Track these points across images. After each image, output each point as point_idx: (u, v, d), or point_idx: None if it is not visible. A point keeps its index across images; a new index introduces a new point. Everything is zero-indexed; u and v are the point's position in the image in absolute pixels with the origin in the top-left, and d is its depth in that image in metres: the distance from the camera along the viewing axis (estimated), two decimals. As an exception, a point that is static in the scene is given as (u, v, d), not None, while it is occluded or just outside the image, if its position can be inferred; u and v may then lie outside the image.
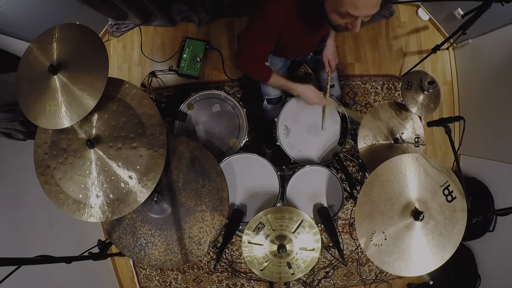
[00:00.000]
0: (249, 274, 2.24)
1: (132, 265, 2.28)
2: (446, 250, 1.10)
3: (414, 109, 1.49)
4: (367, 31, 2.38)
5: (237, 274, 2.24)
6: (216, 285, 2.28)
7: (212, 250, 2.22)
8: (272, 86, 1.46)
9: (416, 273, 1.09)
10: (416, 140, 1.54)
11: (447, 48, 2.42)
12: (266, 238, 1.27)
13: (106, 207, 1.04)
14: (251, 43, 1.30)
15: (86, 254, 1.10)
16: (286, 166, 1.68)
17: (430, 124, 1.35)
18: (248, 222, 1.27)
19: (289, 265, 1.25)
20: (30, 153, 1.08)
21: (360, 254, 2.30)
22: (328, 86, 1.59)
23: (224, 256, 2.22)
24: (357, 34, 2.37)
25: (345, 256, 2.25)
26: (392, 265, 1.07)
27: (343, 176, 1.66)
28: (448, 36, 2.15)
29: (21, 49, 1.47)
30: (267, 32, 1.23)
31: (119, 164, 1.04)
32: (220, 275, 2.27)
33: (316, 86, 1.75)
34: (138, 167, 1.05)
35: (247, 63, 1.41)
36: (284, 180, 1.58)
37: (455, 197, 1.11)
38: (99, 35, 1.34)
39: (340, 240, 1.95)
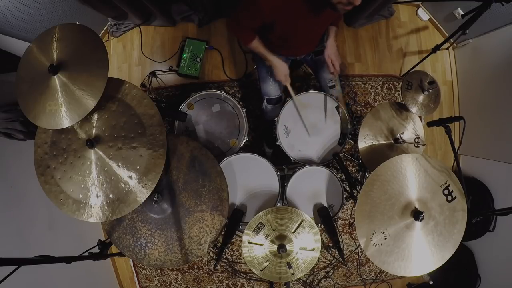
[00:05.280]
0: (249, 274, 2.24)
1: (132, 265, 2.28)
2: (446, 250, 1.10)
3: (414, 109, 1.49)
4: (367, 31, 2.38)
5: (237, 274, 2.24)
6: (216, 285, 2.28)
7: (212, 250, 2.22)
8: (252, 51, 1.52)
9: (416, 273, 1.09)
10: (416, 140, 1.54)
11: (447, 48, 2.42)
12: (266, 238, 1.27)
13: (106, 207, 1.04)
14: (240, 16, 1.37)
15: (86, 254, 1.10)
16: (286, 166, 1.68)
17: (430, 124, 1.35)
18: (248, 222, 1.27)
19: (289, 265, 1.25)
20: (30, 153, 1.09)
21: (360, 254, 2.29)
22: (337, 85, 1.59)
23: (224, 256, 2.22)
24: (357, 34, 2.37)
25: (345, 256, 2.25)
26: (392, 265, 1.08)
27: (343, 176, 1.66)
28: (448, 36, 2.15)
29: (21, 49, 1.47)
30: (253, 7, 1.26)
31: (119, 164, 1.04)
32: (220, 275, 2.26)
33: (316, 86, 1.76)
34: (138, 167, 1.05)
35: (234, 27, 1.54)
36: (284, 180, 1.58)
37: (455, 197, 1.11)
38: (99, 35, 1.33)
39: (340, 240, 1.95)
